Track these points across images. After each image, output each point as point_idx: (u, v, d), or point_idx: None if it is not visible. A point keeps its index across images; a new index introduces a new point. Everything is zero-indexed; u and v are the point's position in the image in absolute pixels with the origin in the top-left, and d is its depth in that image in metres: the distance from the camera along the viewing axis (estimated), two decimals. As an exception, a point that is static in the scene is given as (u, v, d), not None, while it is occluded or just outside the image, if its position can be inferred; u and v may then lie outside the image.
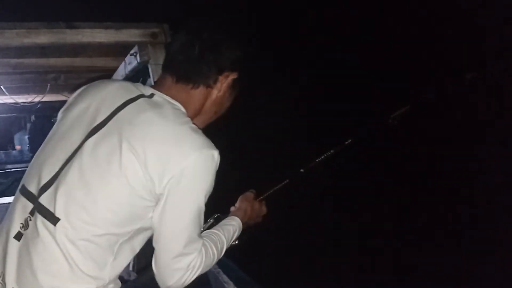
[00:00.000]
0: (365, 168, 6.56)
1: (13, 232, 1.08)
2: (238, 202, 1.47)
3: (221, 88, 1.21)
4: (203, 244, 1.16)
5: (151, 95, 1.16)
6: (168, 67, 1.22)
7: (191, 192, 1.07)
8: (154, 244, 1.12)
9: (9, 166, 5.42)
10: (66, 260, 1.02)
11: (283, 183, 1.54)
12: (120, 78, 2.72)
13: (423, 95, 1.68)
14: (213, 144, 1.08)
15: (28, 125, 6.06)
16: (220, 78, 1.20)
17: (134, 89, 1.17)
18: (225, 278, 2.00)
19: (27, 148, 6.13)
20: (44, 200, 1.06)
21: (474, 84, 1.60)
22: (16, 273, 1.04)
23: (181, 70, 1.18)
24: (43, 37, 1.86)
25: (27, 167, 1.21)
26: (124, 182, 1.03)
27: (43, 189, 1.08)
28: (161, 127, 1.07)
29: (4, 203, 4.75)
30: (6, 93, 3.13)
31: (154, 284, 1.20)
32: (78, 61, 2.45)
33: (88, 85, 1.22)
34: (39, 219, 1.05)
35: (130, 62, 2.33)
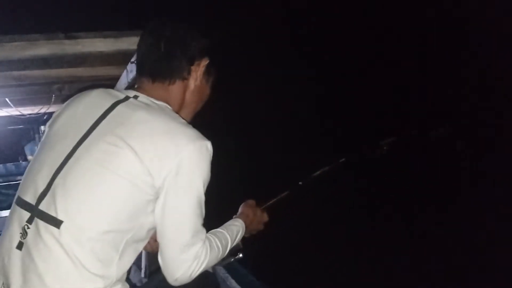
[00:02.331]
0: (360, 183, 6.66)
1: (14, 242, 1.08)
2: (240, 208, 1.48)
3: (196, 77, 1.26)
4: (207, 237, 1.19)
5: (136, 97, 1.19)
6: (141, 70, 1.26)
7: (190, 183, 1.10)
8: (159, 239, 1.14)
9: (19, 178, 5.45)
10: (72, 261, 1.03)
11: (283, 194, 1.60)
12: (123, 86, 2.72)
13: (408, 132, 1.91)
14: (204, 136, 1.12)
15: (37, 136, 6.10)
16: (193, 68, 1.24)
17: (118, 93, 1.20)
18: (233, 283, 1.98)
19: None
20: (43, 206, 1.07)
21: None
22: (22, 281, 1.05)
23: (154, 70, 1.22)
24: (43, 49, 1.86)
25: None
26: (124, 179, 1.05)
27: (42, 196, 1.08)
28: (154, 124, 1.11)
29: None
30: (12, 105, 3.16)
31: (164, 286, 1.22)
32: (81, 71, 2.45)
33: (72, 97, 1.26)
34: (41, 225, 1.05)
35: (132, 70, 2.33)
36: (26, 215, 1.09)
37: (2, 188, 5.32)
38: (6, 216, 4.82)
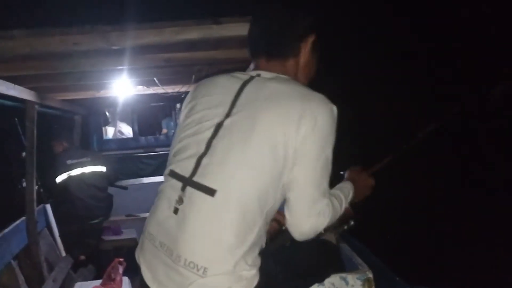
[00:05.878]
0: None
1: (171, 208, 1.22)
2: (346, 174, 1.55)
3: (305, 53, 1.35)
4: (329, 196, 1.27)
5: (259, 75, 1.31)
6: (257, 51, 1.38)
7: (323, 142, 1.20)
8: (289, 194, 1.22)
9: (157, 149, 6.07)
10: (224, 224, 1.15)
11: (387, 159, 1.60)
12: (256, 68, 2.86)
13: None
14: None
15: (173, 112, 6.69)
16: (302, 45, 1.35)
17: (242, 75, 1.33)
18: (359, 260, 2.02)
19: (172, 132, 6.79)
20: (197, 178, 1.20)
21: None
22: (177, 241, 1.18)
23: (269, 50, 1.35)
24: (193, 33, 2.06)
25: None
26: (269, 147, 1.16)
27: (195, 169, 1.21)
28: (287, 90, 1.23)
29: (153, 182, 5.38)
30: (159, 84, 3.54)
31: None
32: (219, 53, 2.64)
33: (203, 80, 1.41)
34: (196, 194, 1.18)
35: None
36: (179, 185, 1.22)
37: (144, 158, 5.99)
38: (148, 182, 5.44)
